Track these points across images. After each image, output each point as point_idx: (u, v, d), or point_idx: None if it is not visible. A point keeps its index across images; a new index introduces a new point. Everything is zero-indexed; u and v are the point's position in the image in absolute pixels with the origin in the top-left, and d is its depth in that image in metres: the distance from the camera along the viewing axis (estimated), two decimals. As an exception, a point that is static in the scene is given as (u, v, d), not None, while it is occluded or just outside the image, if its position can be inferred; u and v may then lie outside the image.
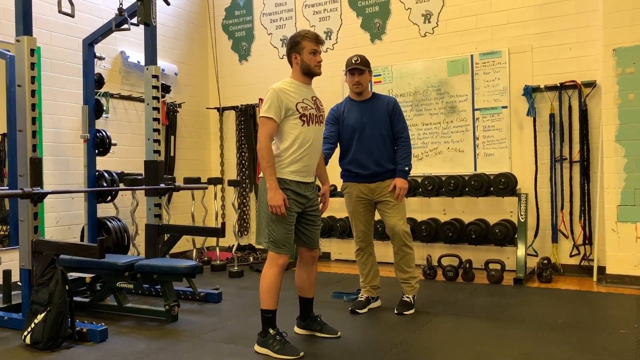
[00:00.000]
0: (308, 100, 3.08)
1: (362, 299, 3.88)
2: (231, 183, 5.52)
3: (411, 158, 3.82)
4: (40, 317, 3.15)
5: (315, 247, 3.23)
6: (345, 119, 3.82)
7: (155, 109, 4.40)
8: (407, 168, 3.77)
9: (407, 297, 3.80)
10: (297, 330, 3.34)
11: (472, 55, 5.40)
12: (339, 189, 5.74)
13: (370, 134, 3.74)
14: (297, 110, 3.00)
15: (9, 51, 4.45)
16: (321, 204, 3.32)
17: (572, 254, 4.97)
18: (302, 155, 3.02)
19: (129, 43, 5.79)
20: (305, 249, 3.23)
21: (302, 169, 3.04)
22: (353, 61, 3.75)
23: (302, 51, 3.07)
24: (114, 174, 4.90)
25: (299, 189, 3.03)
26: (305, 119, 3.02)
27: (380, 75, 5.84)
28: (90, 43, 4.62)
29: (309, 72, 3.10)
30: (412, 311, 3.74)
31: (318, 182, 3.34)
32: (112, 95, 5.57)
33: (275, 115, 2.95)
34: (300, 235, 3.16)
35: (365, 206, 3.83)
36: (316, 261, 3.28)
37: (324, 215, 5.14)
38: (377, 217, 3.97)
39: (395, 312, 3.75)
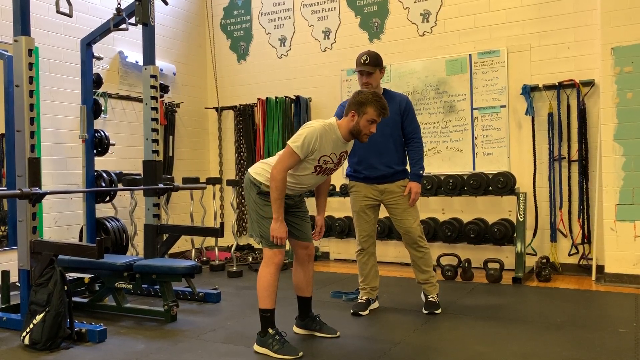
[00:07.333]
0: (335, 155, 3.07)
1: (362, 300, 3.82)
2: (230, 183, 5.51)
3: (423, 159, 3.75)
4: (39, 317, 3.14)
5: (309, 241, 3.24)
6: None
7: (153, 108, 4.40)
8: (421, 171, 3.70)
9: (432, 297, 3.76)
10: (296, 329, 3.34)
11: (470, 55, 5.40)
12: (337, 189, 5.79)
13: (380, 135, 3.60)
14: (318, 161, 3.01)
15: (6, 51, 4.44)
16: (315, 233, 3.30)
17: (571, 252, 4.98)
18: (296, 188, 3.09)
19: (127, 43, 5.78)
20: (300, 247, 3.24)
21: (289, 192, 3.07)
22: (362, 61, 3.61)
23: (363, 116, 3.01)
24: (113, 174, 4.90)
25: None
26: (318, 169, 3.04)
27: (378, 74, 5.84)
28: (88, 43, 4.62)
29: (355, 136, 3.08)
30: (439, 310, 3.71)
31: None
32: (110, 95, 5.56)
33: (302, 154, 2.95)
34: (292, 230, 3.18)
35: (372, 207, 3.78)
36: (312, 259, 3.29)
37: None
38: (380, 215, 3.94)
39: (425, 312, 3.70)
